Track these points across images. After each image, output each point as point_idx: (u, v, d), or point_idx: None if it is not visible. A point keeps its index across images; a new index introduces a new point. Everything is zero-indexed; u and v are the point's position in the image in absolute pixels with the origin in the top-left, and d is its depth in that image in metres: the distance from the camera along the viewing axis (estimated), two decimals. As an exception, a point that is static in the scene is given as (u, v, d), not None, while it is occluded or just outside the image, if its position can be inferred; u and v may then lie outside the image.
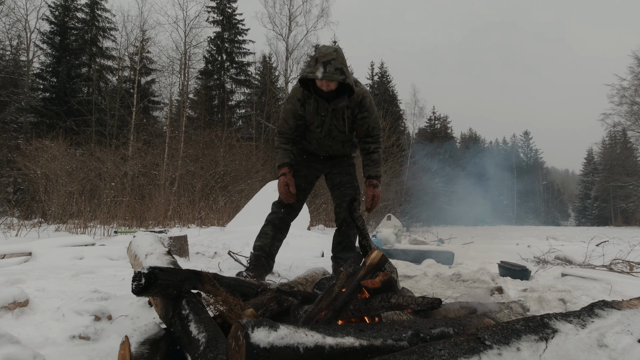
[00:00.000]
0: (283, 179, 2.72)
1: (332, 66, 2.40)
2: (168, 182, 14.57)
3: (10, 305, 1.71)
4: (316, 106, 2.63)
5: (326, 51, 2.43)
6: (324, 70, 2.40)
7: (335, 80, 2.44)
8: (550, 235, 12.36)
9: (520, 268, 3.80)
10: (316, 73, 2.39)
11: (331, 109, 2.63)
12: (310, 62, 2.50)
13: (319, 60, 2.42)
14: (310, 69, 2.44)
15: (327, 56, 2.41)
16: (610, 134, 39.32)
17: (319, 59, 2.42)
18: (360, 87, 2.69)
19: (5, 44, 19.94)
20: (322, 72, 2.39)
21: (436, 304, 1.45)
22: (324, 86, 2.49)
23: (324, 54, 2.42)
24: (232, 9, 24.10)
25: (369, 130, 2.81)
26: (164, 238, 4.14)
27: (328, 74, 2.40)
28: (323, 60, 2.40)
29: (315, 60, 2.44)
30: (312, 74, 2.41)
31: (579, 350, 0.97)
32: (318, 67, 2.40)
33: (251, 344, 0.95)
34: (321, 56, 2.42)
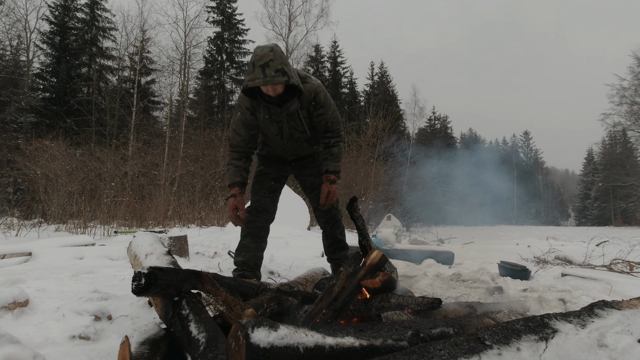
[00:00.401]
0: (232, 201, 2.51)
1: (271, 69, 2.18)
2: (168, 182, 14.57)
3: (10, 305, 1.71)
4: (268, 113, 2.45)
5: (262, 53, 2.20)
6: (264, 75, 2.17)
7: (278, 84, 2.22)
8: (550, 235, 12.35)
9: (520, 268, 3.80)
10: (255, 80, 2.18)
11: (285, 114, 2.44)
12: (248, 68, 2.26)
13: (255, 64, 2.19)
14: (250, 76, 2.21)
15: (263, 58, 2.18)
16: (610, 134, 39.33)
17: (255, 63, 2.19)
18: (311, 83, 2.45)
19: (5, 44, 19.95)
20: (262, 78, 2.17)
21: (436, 304, 1.46)
22: (271, 91, 2.27)
23: (260, 57, 2.19)
24: (232, 9, 24.10)
25: (328, 126, 2.60)
26: (164, 238, 4.14)
27: (269, 79, 2.17)
28: (260, 63, 2.18)
29: (252, 65, 2.21)
30: (252, 82, 2.18)
31: (579, 350, 0.97)
32: (257, 73, 2.18)
33: (251, 344, 0.95)
34: (257, 59, 2.19)
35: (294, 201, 8.67)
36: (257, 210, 2.72)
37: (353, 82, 31.44)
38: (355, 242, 2.72)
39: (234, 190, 2.53)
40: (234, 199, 2.52)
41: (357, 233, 2.18)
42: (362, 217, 2.16)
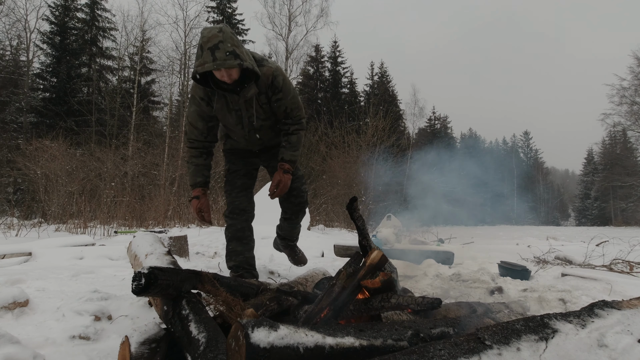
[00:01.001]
0: (196, 203, 2.38)
1: (221, 51, 1.96)
2: (168, 182, 14.57)
3: (10, 305, 1.71)
4: (225, 102, 2.25)
5: (209, 34, 1.99)
6: (214, 58, 1.96)
7: (230, 67, 2.00)
8: (550, 235, 12.35)
9: (520, 268, 3.80)
10: (205, 65, 1.97)
11: (243, 101, 2.25)
12: (196, 53, 2.05)
13: (203, 47, 1.98)
14: (198, 60, 2.00)
15: (212, 40, 1.97)
16: (610, 134, 39.33)
17: (203, 45, 1.99)
18: (268, 66, 2.24)
19: (5, 44, 19.95)
20: (212, 62, 1.96)
21: (436, 304, 1.46)
22: (225, 77, 2.05)
23: (208, 38, 1.98)
24: (232, 9, 24.10)
25: (287, 112, 2.40)
26: (164, 238, 4.14)
27: (219, 62, 1.96)
28: (208, 46, 1.97)
29: (201, 49, 2.00)
30: (202, 67, 1.98)
31: (579, 350, 0.97)
32: (206, 57, 1.98)
33: (251, 344, 0.95)
34: (205, 42, 1.98)
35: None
36: (235, 213, 2.59)
37: (353, 82, 31.44)
38: (355, 242, 2.71)
39: (197, 191, 2.41)
40: (197, 201, 2.40)
41: (357, 233, 2.18)
42: (362, 217, 2.16)
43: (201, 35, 2.04)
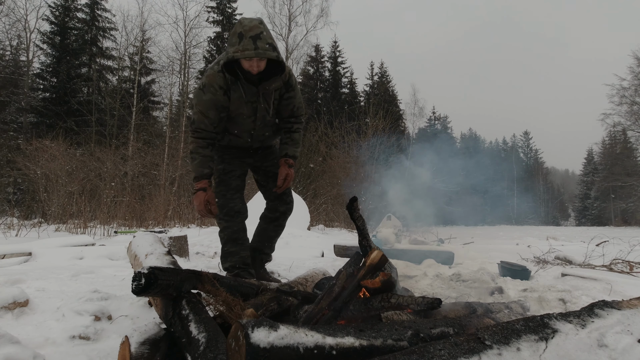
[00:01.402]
0: (202, 195, 2.29)
1: (262, 41, 2.00)
2: (168, 182, 14.57)
3: (10, 305, 1.71)
4: (242, 93, 2.24)
5: (251, 24, 2.03)
6: (255, 46, 1.98)
7: (270, 58, 2.05)
8: (550, 235, 12.35)
9: (520, 268, 3.80)
10: (245, 52, 1.98)
11: (261, 93, 2.27)
12: (231, 39, 2.06)
13: (244, 35, 2.00)
14: (237, 47, 2.00)
15: (254, 29, 2.00)
16: (610, 134, 39.34)
17: (244, 34, 2.00)
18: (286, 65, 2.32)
19: (5, 44, 19.95)
20: (253, 50, 1.97)
21: (436, 304, 1.45)
22: (255, 67, 2.09)
23: (250, 27, 2.01)
24: (232, 9, 24.10)
25: (294, 111, 2.48)
26: (164, 238, 4.14)
27: (261, 51, 1.99)
28: (251, 34, 1.99)
29: (240, 36, 2.00)
30: (242, 53, 1.98)
31: (579, 350, 0.97)
32: (247, 44, 1.98)
33: (251, 344, 0.95)
34: (246, 30, 2.00)
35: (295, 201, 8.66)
36: (230, 215, 2.53)
37: (353, 82, 31.44)
38: (355, 242, 2.70)
39: (203, 183, 2.31)
40: (204, 193, 2.30)
41: (357, 233, 2.18)
42: (362, 217, 2.16)
43: (241, 24, 2.05)
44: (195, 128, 2.30)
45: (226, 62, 2.10)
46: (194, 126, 2.30)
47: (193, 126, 2.31)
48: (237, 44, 2.01)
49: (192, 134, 2.32)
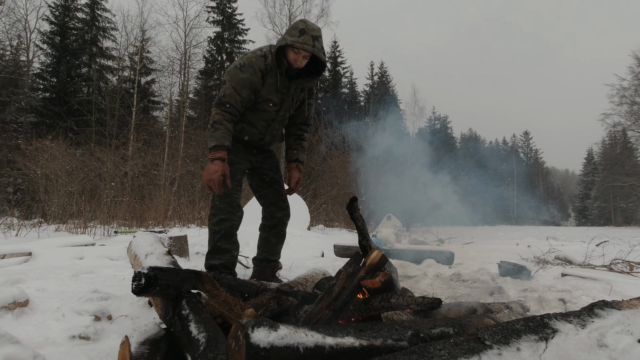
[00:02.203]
0: (220, 165, 2.18)
1: (319, 42, 2.23)
2: (168, 182, 14.57)
3: (10, 305, 1.71)
4: (275, 82, 2.34)
5: (314, 26, 2.24)
6: (314, 44, 2.19)
7: (323, 58, 2.28)
8: (550, 235, 12.35)
9: (520, 268, 3.80)
10: (305, 45, 2.17)
11: (294, 87, 2.40)
12: (290, 31, 2.24)
13: (306, 32, 2.20)
14: (298, 38, 2.18)
15: (316, 31, 2.23)
16: (610, 134, 39.35)
17: (306, 30, 2.20)
18: None
19: (5, 44, 19.95)
20: (312, 46, 2.18)
21: (436, 304, 1.45)
22: (299, 61, 2.26)
23: (313, 28, 2.22)
24: (232, 9, 24.11)
25: (308, 118, 2.64)
26: (164, 238, 4.14)
27: (318, 49, 2.21)
28: (312, 34, 2.21)
29: (301, 32, 2.20)
30: (302, 45, 2.16)
31: (579, 350, 0.97)
32: (308, 39, 2.18)
33: (251, 344, 0.95)
34: (309, 29, 2.21)
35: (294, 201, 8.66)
36: (232, 207, 2.43)
37: (353, 82, 31.45)
38: (355, 242, 2.70)
39: (221, 153, 2.20)
40: (221, 163, 2.18)
41: (357, 233, 2.18)
42: (362, 217, 2.16)
43: (305, 23, 2.25)
44: (225, 101, 2.28)
45: (279, 47, 2.25)
46: (224, 99, 2.28)
47: (223, 99, 2.28)
48: (297, 37, 2.18)
49: (219, 106, 2.28)
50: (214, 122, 2.26)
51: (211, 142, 2.24)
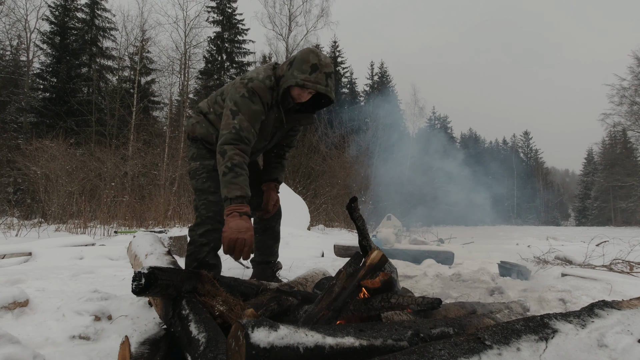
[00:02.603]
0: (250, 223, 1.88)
1: (332, 80, 2.06)
2: (168, 182, 14.57)
3: (10, 305, 1.71)
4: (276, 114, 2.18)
5: (327, 60, 2.07)
6: (326, 83, 2.03)
7: (331, 98, 2.11)
8: (550, 235, 12.35)
9: (520, 268, 3.80)
10: (318, 85, 2.00)
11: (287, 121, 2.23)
12: (300, 65, 2.03)
13: (319, 69, 2.02)
14: (307, 76, 2.00)
15: (329, 67, 2.05)
16: (610, 134, 39.36)
17: (319, 67, 2.02)
18: None
19: (5, 44, 19.95)
20: (324, 86, 2.02)
21: (436, 304, 1.45)
22: (303, 97, 2.10)
23: (326, 64, 2.05)
24: (232, 9, 24.10)
25: (292, 141, 2.54)
26: (164, 238, 4.15)
27: (329, 89, 2.04)
28: (325, 70, 2.04)
29: (314, 68, 2.01)
30: (314, 85, 2.00)
31: (579, 350, 0.97)
32: (321, 78, 2.02)
33: (251, 344, 0.95)
34: (323, 65, 2.03)
35: (294, 201, 8.67)
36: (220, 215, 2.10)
37: (353, 82, 31.46)
38: (355, 242, 2.69)
39: (246, 207, 1.89)
40: (247, 221, 1.88)
41: (357, 233, 2.18)
42: (362, 217, 2.16)
43: (317, 56, 2.04)
44: (244, 136, 1.99)
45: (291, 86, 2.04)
46: (243, 134, 1.98)
47: (241, 134, 1.98)
48: (309, 74, 2.00)
49: (237, 144, 1.96)
50: (234, 165, 1.91)
51: (234, 191, 1.89)
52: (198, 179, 2.22)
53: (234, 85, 2.11)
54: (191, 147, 2.33)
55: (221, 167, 1.93)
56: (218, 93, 2.30)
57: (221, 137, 1.99)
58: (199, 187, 2.21)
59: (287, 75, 2.04)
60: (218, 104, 2.25)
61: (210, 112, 2.27)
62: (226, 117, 2.03)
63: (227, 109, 2.04)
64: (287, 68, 2.07)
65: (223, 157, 1.94)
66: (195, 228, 2.19)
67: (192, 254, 2.16)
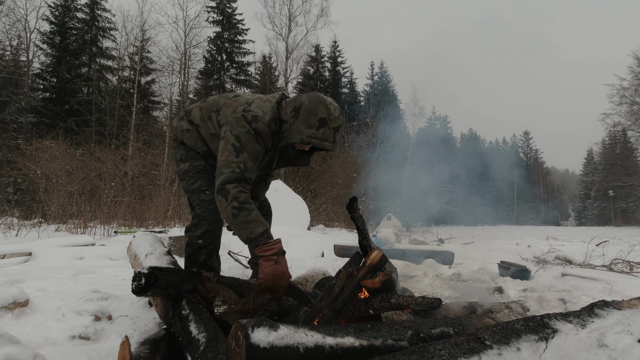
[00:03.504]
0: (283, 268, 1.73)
1: (339, 134, 1.93)
2: (168, 182, 14.56)
3: (10, 305, 1.71)
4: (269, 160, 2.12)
5: (336, 113, 1.89)
6: (334, 139, 1.90)
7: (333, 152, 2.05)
8: (550, 235, 12.35)
9: (520, 268, 3.80)
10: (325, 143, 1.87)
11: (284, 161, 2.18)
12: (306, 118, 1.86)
13: (327, 123, 1.86)
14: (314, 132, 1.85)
15: (337, 120, 1.90)
16: (610, 134, 39.36)
17: (327, 121, 1.86)
18: None
19: (5, 44, 19.95)
20: (332, 143, 1.89)
21: (436, 304, 1.46)
22: (305, 147, 2.02)
23: (335, 118, 1.88)
24: (232, 9, 24.09)
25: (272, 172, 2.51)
26: (164, 238, 4.15)
27: (336, 144, 1.93)
28: (334, 125, 1.88)
29: (322, 122, 1.85)
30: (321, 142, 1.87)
31: (579, 350, 0.97)
32: (329, 135, 1.87)
33: (251, 344, 0.95)
34: (332, 119, 1.88)
35: (294, 201, 8.67)
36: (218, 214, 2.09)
37: (353, 82, 31.45)
38: (355, 242, 2.69)
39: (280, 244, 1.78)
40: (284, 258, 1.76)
41: (357, 233, 2.18)
42: (362, 217, 2.16)
43: (326, 109, 1.87)
44: (248, 177, 1.88)
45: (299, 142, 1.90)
46: (247, 175, 1.86)
47: (246, 174, 1.86)
48: (315, 128, 1.85)
49: (241, 182, 1.84)
50: (242, 203, 1.79)
51: (255, 229, 1.76)
52: (189, 180, 2.16)
53: (234, 115, 1.92)
54: (178, 149, 2.24)
55: (228, 209, 1.78)
56: (212, 108, 2.11)
57: (221, 174, 1.83)
58: (191, 187, 2.15)
59: (292, 129, 1.89)
60: (212, 122, 2.09)
61: (202, 127, 2.14)
62: (227, 152, 1.86)
63: (228, 143, 1.87)
64: (292, 115, 1.90)
65: (226, 198, 1.79)
66: (192, 229, 2.12)
67: (190, 257, 2.12)
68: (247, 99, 2.00)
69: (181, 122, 2.23)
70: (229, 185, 1.81)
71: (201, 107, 2.19)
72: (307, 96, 1.91)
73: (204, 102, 2.21)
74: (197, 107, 2.22)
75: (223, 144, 1.89)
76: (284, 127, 1.94)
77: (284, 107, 1.97)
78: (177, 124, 2.25)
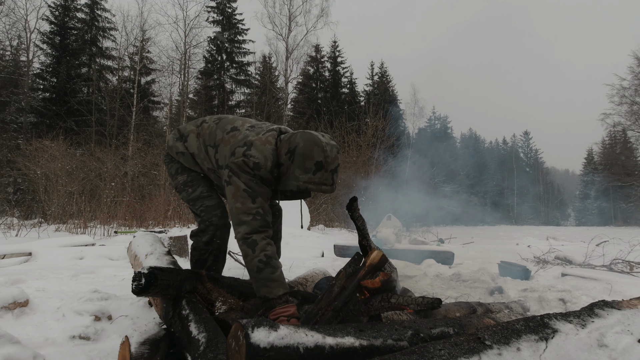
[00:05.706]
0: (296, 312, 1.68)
1: (337, 175, 1.86)
2: (168, 182, 14.56)
3: (10, 305, 1.71)
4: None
5: (332, 155, 1.80)
6: (332, 181, 1.82)
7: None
8: (550, 235, 12.36)
9: (520, 268, 3.80)
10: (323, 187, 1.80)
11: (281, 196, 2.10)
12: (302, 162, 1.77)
13: (325, 167, 1.78)
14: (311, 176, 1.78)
15: (335, 162, 1.81)
16: (610, 134, 39.33)
17: (324, 165, 1.77)
18: None
19: (5, 44, 19.94)
20: (330, 185, 1.81)
21: (436, 304, 1.45)
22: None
23: (332, 160, 1.80)
24: (232, 9, 24.09)
25: None
26: (164, 238, 4.15)
27: (334, 187, 1.84)
28: (331, 168, 1.80)
29: (318, 166, 1.77)
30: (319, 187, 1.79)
31: (579, 350, 0.97)
32: (327, 179, 1.80)
33: (251, 344, 0.95)
34: (330, 162, 1.79)
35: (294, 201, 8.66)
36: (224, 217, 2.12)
37: (353, 82, 31.43)
38: (355, 242, 2.69)
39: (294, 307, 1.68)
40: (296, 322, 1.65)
41: (357, 233, 2.18)
42: (362, 217, 2.16)
43: (323, 151, 1.78)
44: (269, 222, 1.82)
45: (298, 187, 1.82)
46: (267, 219, 1.81)
47: (266, 219, 1.80)
48: (312, 173, 1.77)
49: (265, 230, 1.79)
50: (269, 258, 1.72)
51: (276, 290, 1.68)
52: (189, 189, 2.13)
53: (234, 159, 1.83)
54: (172, 164, 2.20)
55: (254, 261, 1.71)
56: (210, 142, 2.03)
57: (243, 222, 1.77)
58: (192, 195, 2.12)
59: (289, 174, 1.82)
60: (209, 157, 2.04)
61: (199, 156, 2.09)
62: (242, 198, 1.79)
63: (239, 189, 1.80)
64: (287, 157, 1.81)
65: (253, 250, 1.73)
66: (200, 234, 2.10)
67: (198, 262, 2.09)
68: (246, 137, 1.90)
69: (177, 144, 2.17)
70: (256, 235, 1.75)
71: (198, 135, 2.10)
72: (302, 137, 1.80)
73: (201, 128, 2.11)
74: (193, 133, 2.12)
75: (233, 190, 1.81)
76: (282, 170, 1.85)
77: (279, 148, 1.86)
78: (174, 144, 2.18)
